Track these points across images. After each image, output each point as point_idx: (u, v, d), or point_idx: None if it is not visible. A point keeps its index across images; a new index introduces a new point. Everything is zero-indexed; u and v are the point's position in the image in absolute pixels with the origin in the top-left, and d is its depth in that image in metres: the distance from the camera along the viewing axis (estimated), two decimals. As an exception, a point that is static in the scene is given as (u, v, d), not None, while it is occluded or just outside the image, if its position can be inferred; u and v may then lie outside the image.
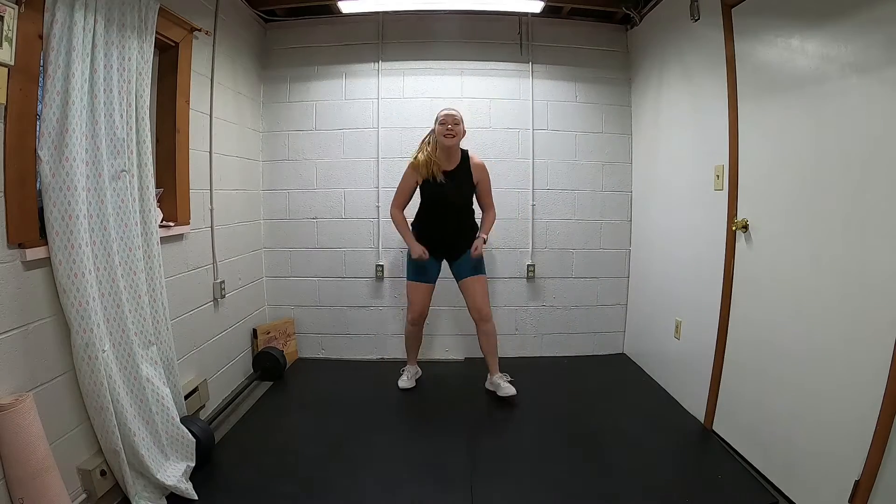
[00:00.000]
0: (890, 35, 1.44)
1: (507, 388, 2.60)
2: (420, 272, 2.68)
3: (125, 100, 1.77)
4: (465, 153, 2.62)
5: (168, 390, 1.91)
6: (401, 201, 2.67)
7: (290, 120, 3.24)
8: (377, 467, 2.08)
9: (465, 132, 2.58)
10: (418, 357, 2.96)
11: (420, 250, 2.59)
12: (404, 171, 2.63)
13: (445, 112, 2.54)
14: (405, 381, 2.84)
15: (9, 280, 1.43)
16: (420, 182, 2.60)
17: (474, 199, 2.70)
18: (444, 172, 2.56)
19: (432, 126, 2.59)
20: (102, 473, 1.68)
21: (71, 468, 1.61)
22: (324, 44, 3.21)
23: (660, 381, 2.89)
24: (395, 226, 2.69)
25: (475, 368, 3.08)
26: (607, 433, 2.34)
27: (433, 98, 3.14)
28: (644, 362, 3.14)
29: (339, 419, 2.49)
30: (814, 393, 1.72)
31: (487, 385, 2.76)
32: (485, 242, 2.63)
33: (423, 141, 2.64)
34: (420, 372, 2.95)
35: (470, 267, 2.66)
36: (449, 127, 2.49)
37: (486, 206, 2.71)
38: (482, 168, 2.63)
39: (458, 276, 2.72)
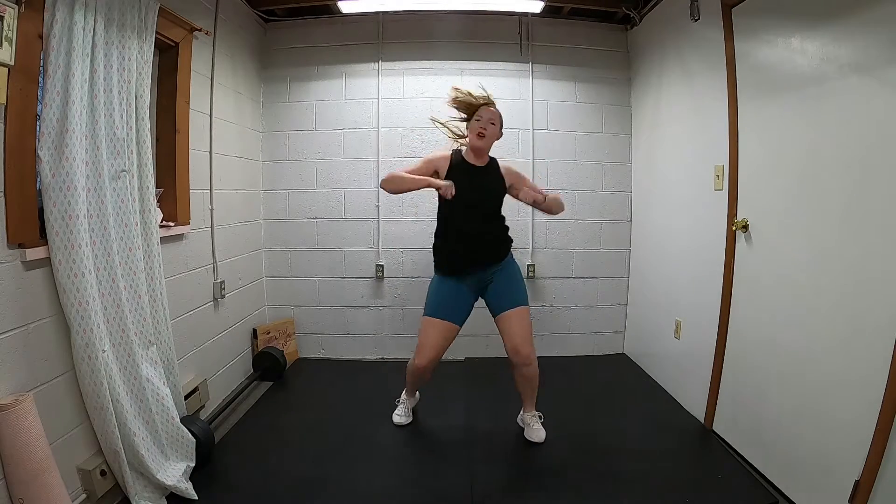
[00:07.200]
0: (890, 35, 1.44)
1: (537, 433, 2.23)
2: (445, 307, 2.09)
3: (125, 100, 1.77)
4: (493, 159, 2.23)
5: (168, 390, 1.91)
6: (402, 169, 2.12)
7: (290, 120, 3.24)
8: (377, 467, 2.08)
9: (500, 135, 2.20)
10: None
11: (445, 182, 1.99)
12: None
13: (486, 109, 2.14)
14: (401, 415, 2.39)
15: (9, 280, 1.43)
16: (440, 171, 2.12)
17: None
18: (473, 166, 2.16)
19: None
20: (102, 473, 1.68)
21: (71, 468, 1.61)
22: (324, 44, 3.21)
23: (660, 381, 2.89)
24: (392, 179, 2.05)
25: (475, 368, 3.08)
26: (607, 433, 2.33)
27: (433, 98, 3.13)
28: (644, 362, 3.14)
29: (339, 419, 2.49)
30: (814, 393, 1.72)
31: (519, 420, 2.37)
32: (540, 197, 2.07)
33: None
34: (419, 398, 2.55)
35: (507, 297, 2.15)
36: (482, 125, 2.09)
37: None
38: (514, 172, 2.23)
39: (494, 309, 2.19)
